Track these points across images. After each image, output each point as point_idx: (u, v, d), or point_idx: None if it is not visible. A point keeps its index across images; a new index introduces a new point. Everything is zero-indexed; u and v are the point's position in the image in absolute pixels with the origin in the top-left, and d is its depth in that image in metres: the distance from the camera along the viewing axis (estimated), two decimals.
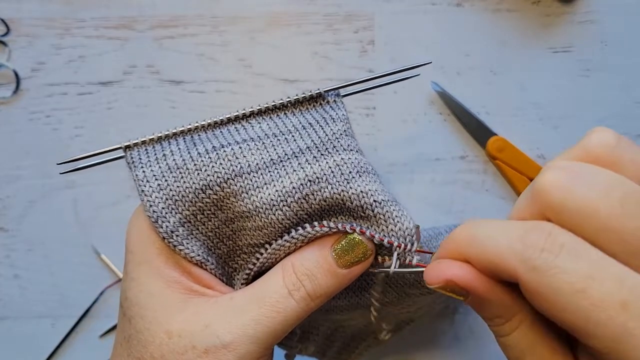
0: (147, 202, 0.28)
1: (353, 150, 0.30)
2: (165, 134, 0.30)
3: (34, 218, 0.50)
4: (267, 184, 0.28)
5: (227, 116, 0.31)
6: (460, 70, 0.51)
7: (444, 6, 0.52)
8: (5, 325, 0.49)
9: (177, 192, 0.29)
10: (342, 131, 0.30)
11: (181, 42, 0.52)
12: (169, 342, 0.26)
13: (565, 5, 0.52)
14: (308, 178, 0.28)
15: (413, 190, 0.50)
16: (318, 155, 0.29)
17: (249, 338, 0.26)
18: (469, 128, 0.50)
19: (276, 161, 0.29)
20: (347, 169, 0.28)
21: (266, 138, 0.30)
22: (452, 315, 0.49)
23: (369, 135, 0.51)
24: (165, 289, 0.28)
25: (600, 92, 0.51)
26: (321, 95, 0.32)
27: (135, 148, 0.30)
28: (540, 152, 0.50)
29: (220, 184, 0.28)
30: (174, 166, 0.29)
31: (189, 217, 0.29)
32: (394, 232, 0.27)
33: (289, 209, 0.28)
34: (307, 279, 0.28)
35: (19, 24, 0.52)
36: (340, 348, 0.42)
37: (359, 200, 0.28)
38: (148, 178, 0.29)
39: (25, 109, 0.51)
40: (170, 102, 0.51)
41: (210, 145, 0.29)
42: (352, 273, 0.28)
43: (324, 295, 0.28)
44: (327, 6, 0.52)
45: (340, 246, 0.28)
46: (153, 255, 0.29)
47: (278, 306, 0.27)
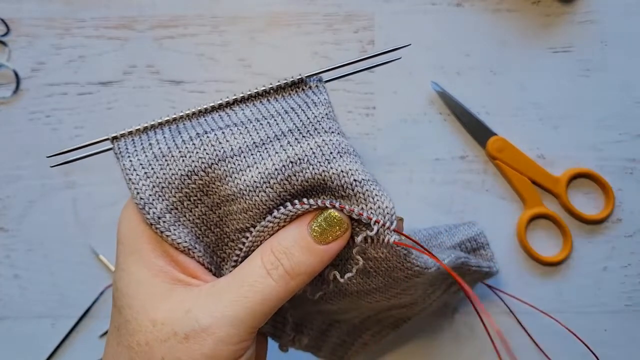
0: (134, 190, 0.29)
1: (334, 132, 0.30)
2: (151, 124, 0.31)
3: (34, 218, 0.50)
4: (250, 166, 0.29)
5: (211, 104, 0.32)
6: (460, 70, 0.51)
7: (444, 6, 0.52)
8: (5, 325, 0.49)
9: (164, 179, 0.29)
10: (323, 114, 0.31)
11: (181, 42, 0.52)
12: (153, 330, 0.27)
13: (565, 5, 0.52)
14: (290, 159, 0.29)
15: (413, 190, 0.50)
16: (300, 137, 0.30)
17: (227, 320, 0.26)
18: (469, 128, 0.50)
19: (258, 144, 0.30)
20: (328, 150, 0.29)
21: (249, 123, 0.31)
22: (452, 315, 0.49)
23: (369, 135, 0.51)
24: (152, 278, 0.28)
25: (600, 92, 0.51)
26: (303, 80, 0.32)
27: (122, 139, 0.31)
28: (540, 152, 0.50)
29: (205, 169, 0.29)
30: (160, 154, 0.29)
31: (176, 204, 0.29)
32: (373, 209, 0.28)
33: (272, 190, 0.29)
34: (284, 256, 0.28)
35: (19, 24, 0.52)
36: (336, 344, 0.42)
37: (339, 180, 0.28)
38: (135, 167, 0.29)
39: (25, 109, 0.51)
40: (170, 102, 0.51)
41: (194, 132, 0.30)
42: (330, 249, 0.28)
43: (304, 274, 0.28)
44: (327, 6, 0.52)
45: (316, 222, 0.28)
46: (141, 244, 0.29)
47: (256, 286, 0.27)
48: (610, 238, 0.50)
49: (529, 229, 0.50)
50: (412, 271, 0.30)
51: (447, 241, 0.45)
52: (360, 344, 0.43)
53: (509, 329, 0.49)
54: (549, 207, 0.50)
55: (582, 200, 0.50)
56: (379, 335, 0.43)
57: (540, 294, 0.49)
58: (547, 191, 0.50)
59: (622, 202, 0.50)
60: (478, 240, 0.46)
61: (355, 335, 0.42)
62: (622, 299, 0.49)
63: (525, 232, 0.49)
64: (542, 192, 0.50)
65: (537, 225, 0.50)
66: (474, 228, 0.47)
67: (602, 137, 0.51)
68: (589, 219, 0.49)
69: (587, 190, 0.50)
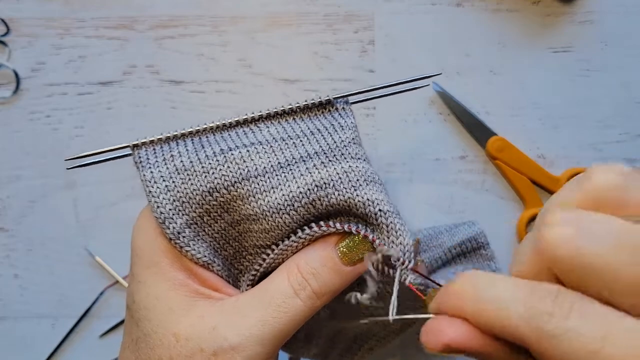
0: (154, 204, 0.28)
1: (361, 159, 0.30)
2: (173, 135, 0.30)
3: (34, 218, 0.50)
4: (274, 187, 0.28)
5: (235, 119, 0.31)
6: (460, 70, 0.51)
7: (444, 6, 0.52)
8: (5, 325, 0.49)
9: (185, 194, 0.29)
10: (350, 139, 0.30)
11: (181, 42, 0.52)
12: (176, 345, 0.27)
13: (565, 5, 0.52)
14: (315, 183, 0.28)
15: (413, 190, 0.50)
16: (326, 161, 0.29)
17: (256, 339, 0.26)
18: (469, 128, 0.50)
19: (284, 165, 0.29)
20: (354, 177, 0.28)
21: (274, 142, 0.30)
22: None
23: (369, 135, 0.51)
24: (171, 291, 0.28)
25: (600, 92, 0.51)
26: (330, 102, 0.32)
27: (143, 147, 0.30)
28: (540, 152, 0.50)
29: (227, 187, 0.28)
30: (182, 168, 0.29)
31: (196, 219, 0.29)
32: (394, 244, 0.28)
33: (295, 213, 0.28)
34: (312, 277, 0.28)
35: (19, 24, 0.52)
36: (342, 350, 0.42)
37: (364, 208, 0.28)
38: (156, 179, 0.29)
39: (25, 109, 0.51)
40: (170, 102, 0.51)
41: (218, 148, 0.29)
42: (356, 270, 0.29)
43: (330, 293, 0.28)
44: (327, 6, 0.52)
45: (344, 244, 0.28)
46: (159, 257, 0.29)
47: (284, 306, 0.27)
48: None
49: (529, 229, 0.50)
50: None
51: (447, 241, 0.45)
52: (366, 349, 0.43)
53: None
54: None
55: None
56: (385, 340, 0.43)
57: None
58: (547, 191, 0.50)
59: None
60: (478, 239, 0.46)
61: (361, 341, 0.42)
62: None
63: (525, 232, 0.49)
64: (542, 192, 0.50)
65: None
66: (474, 228, 0.47)
67: (602, 137, 0.51)
68: None
69: None
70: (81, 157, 0.31)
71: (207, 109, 0.51)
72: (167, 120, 0.51)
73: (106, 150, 0.31)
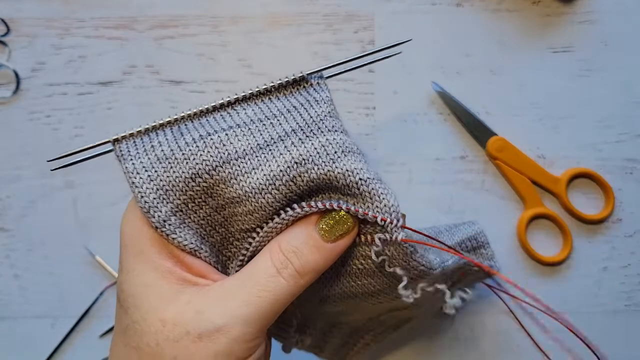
0: (138, 194, 0.29)
1: (338, 130, 0.30)
2: (152, 125, 0.31)
3: (34, 218, 0.50)
4: (255, 168, 0.29)
5: (212, 104, 0.32)
6: (460, 70, 0.51)
7: (444, 6, 0.52)
8: (5, 325, 0.49)
9: (167, 182, 0.29)
10: (326, 113, 0.31)
11: (181, 42, 0.52)
12: (163, 330, 0.27)
13: (565, 5, 0.52)
14: (294, 160, 0.29)
15: (413, 190, 0.50)
16: (303, 137, 0.30)
17: (241, 319, 0.27)
18: (469, 128, 0.50)
19: (263, 146, 0.30)
20: (332, 149, 0.29)
21: (252, 123, 0.31)
22: (452, 315, 0.49)
23: (369, 135, 0.51)
24: (159, 279, 0.28)
25: (600, 92, 0.51)
26: (304, 78, 0.32)
27: (123, 141, 0.31)
28: (540, 152, 0.50)
29: (209, 172, 0.29)
30: (163, 156, 0.29)
31: (180, 206, 0.29)
32: (379, 208, 0.28)
33: (277, 192, 0.29)
34: (294, 255, 0.28)
35: (19, 24, 0.52)
36: (338, 345, 0.42)
37: (344, 179, 0.28)
38: (138, 170, 0.29)
39: (25, 109, 0.51)
40: (170, 102, 0.51)
41: (197, 134, 0.30)
42: (338, 247, 0.29)
43: (313, 271, 0.29)
44: (327, 6, 0.52)
45: (324, 221, 0.29)
46: (146, 246, 0.29)
47: (267, 285, 0.28)
48: (610, 238, 0.50)
49: (529, 229, 0.50)
50: (417, 271, 0.30)
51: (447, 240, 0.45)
52: (362, 345, 0.43)
53: (509, 329, 0.49)
54: (549, 207, 0.50)
55: (582, 200, 0.50)
56: (381, 335, 0.43)
57: (540, 294, 0.49)
58: (547, 191, 0.50)
59: (622, 202, 0.50)
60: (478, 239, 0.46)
61: (357, 336, 0.43)
62: (622, 299, 0.49)
63: (525, 232, 0.49)
64: (542, 192, 0.50)
65: (537, 225, 0.50)
66: (474, 227, 0.47)
67: (602, 137, 0.51)
68: (589, 219, 0.49)
69: (587, 190, 0.50)
70: (64, 157, 0.32)
71: None
72: None
73: (88, 147, 0.32)
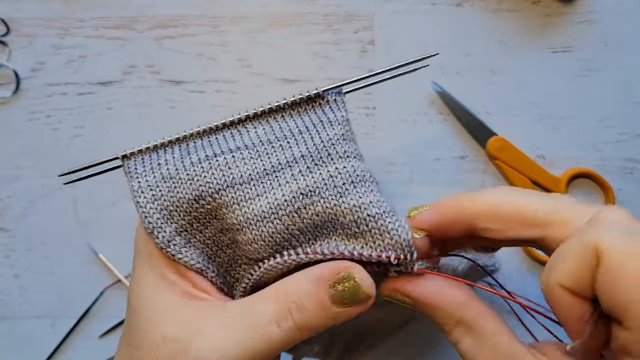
0: (142, 214, 0.28)
1: (350, 156, 0.29)
2: (161, 142, 0.30)
3: (34, 218, 0.50)
4: (259, 195, 0.28)
5: (222, 121, 0.31)
6: (460, 70, 0.51)
7: (444, 6, 0.52)
8: (5, 325, 0.49)
9: (172, 203, 0.28)
10: (339, 135, 0.29)
11: (181, 42, 0.52)
12: (163, 346, 0.27)
13: (565, 5, 0.52)
14: (300, 191, 0.28)
15: (413, 190, 0.50)
16: (312, 165, 0.29)
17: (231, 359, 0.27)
18: (469, 128, 0.50)
19: (269, 172, 0.29)
20: (340, 181, 0.28)
21: (260, 145, 0.30)
22: None
23: (369, 135, 0.51)
24: (166, 292, 0.29)
25: (600, 92, 0.51)
26: (320, 95, 0.31)
27: (132, 158, 0.30)
28: (540, 152, 0.50)
29: (212, 195, 0.28)
30: (167, 176, 0.29)
31: (185, 226, 0.29)
32: (390, 245, 0.27)
33: (279, 222, 0.28)
34: (296, 310, 0.27)
35: (19, 24, 0.52)
36: (343, 348, 0.42)
37: (352, 215, 0.27)
38: (143, 189, 0.29)
39: (25, 109, 0.51)
40: (170, 102, 0.51)
41: (204, 154, 0.29)
42: (344, 313, 0.27)
43: (311, 329, 0.27)
44: (327, 6, 0.52)
45: (339, 285, 0.27)
46: (155, 257, 0.29)
47: (263, 333, 0.27)
48: None
49: None
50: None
51: None
52: (366, 347, 0.43)
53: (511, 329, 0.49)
54: None
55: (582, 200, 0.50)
56: (383, 337, 0.43)
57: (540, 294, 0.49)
58: (547, 191, 0.50)
59: (622, 202, 0.50)
60: None
61: (360, 339, 0.42)
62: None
63: None
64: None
65: None
66: None
67: (602, 137, 0.51)
68: None
69: (587, 190, 0.50)
70: (74, 172, 0.32)
71: (207, 109, 0.51)
72: (167, 120, 0.51)
73: (98, 163, 0.31)
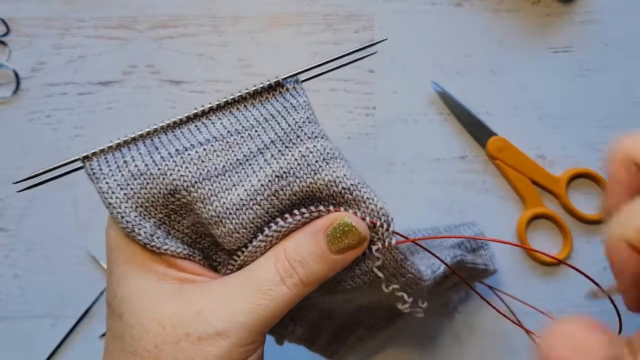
0: (117, 214, 0.28)
1: (318, 137, 0.29)
2: (124, 140, 0.30)
3: (34, 218, 0.50)
4: (235, 185, 0.28)
5: (186, 115, 0.31)
6: (460, 70, 0.51)
7: (444, 6, 0.52)
8: (5, 325, 0.49)
9: (147, 199, 0.28)
10: (304, 119, 0.30)
11: (181, 42, 0.52)
12: (162, 333, 0.27)
13: (565, 5, 0.52)
14: (275, 174, 0.28)
15: (413, 190, 0.50)
16: (283, 148, 0.29)
17: (241, 325, 0.26)
18: (469, 128, 0.50)
19: (242, 161, 0.29)
20: (313, 159, 0.28)
21: (229, 136, 0.30)
22: (452, 315, 0.49)
23: (369, 135, 0.51)
24: (155, 281, 0.28)
25: (600, 92, 0.51)
26: (280, 83, 0.32)
27: (94, 158, 0.29)
28: (540, 152, 0.50)
29: (187, 188, 0.28)
30: (137, 173, 0.28)
31: (163, 219, 0.29)
32: (366, 213, 0.28)
33: (259, 207, 0.28)
34: (299, 265, 0.28)
35: (19, 24, 0.52)
36: (329, 338, 0.42)
37: (328, 190, 0.28)
38: (113, 189, 0.28)
39: (25, 109, 0.51)
40: (170, 102, 0.51)
41: (173, 148, 0.29)
42: (345, 259, 0.28)
43: (317, 281, 0.28)
44: (327, 6, 0.52)
45: (332, 232, 0.28)
46: (137, 252, 0.29)
47: (270, 293, 0.27)
48: None
49: (529, 229, 0.50)
50: (405, 278, 0.30)
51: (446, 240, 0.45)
52: (355, 338, 0.43)
53: (508, 329, 0.49)
54: (549, 207, 0.50)
55: (582, 200, 0.50)
56: (373, 329, 0.42)
57: (540, 294, 0.49)
58: (547, 191, 0.50)
59: None
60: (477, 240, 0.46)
61: (349, 330, 0.42)
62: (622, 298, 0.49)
63: (525, 232, 0.49)
64: (542, 192, 0.50)
65: (537, 225, 0.50)
66: (473, 228, 0.47)
67: (602, 137, 0.51)
68: (589, 219, 0.49)
69: (587, 190, 0.50)
70: (31, 178, 0.30)
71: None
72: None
73: (56, 166, 0.30)
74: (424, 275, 0.31)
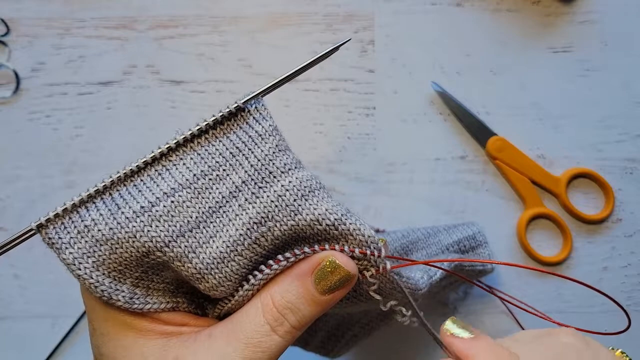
0: (90, 285, 0.26)
1: (291, 169, 0.27)
2: (79, 200, 0.27)
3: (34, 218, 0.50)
4: (213, 237, 0.26)
5: (143, 160, 0.27)
6: (460, 70, 0.51)
7: (444, 6, 0.52)
8: (5, 325, 0.49)
9: (119, 263, 0.26)
10: (273, 148, 0.28)
11: (181, 42, 0.52)
12: None
13: (565, 5, 0.52)
14: (253, 220, 0.26)
15: (413, 190, 0.50)
16: (256, 189, 0.27)
17: None
18: (469, 128, 0.50)
19: (215, 209, 0.27)
20: (290, 197, 0.26)
21: (196, 180, 0.27)
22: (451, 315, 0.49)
23: (369, 135, 0.51)
24: (140, 339, 0.27)
25: (600, 92, 0.51)
26: (240, 108, 0.28)
27: (50, 225, 0.27)
28: (540, 152, 0.50)
29: (162, 249, 0.25)
30: (102, 239, 0.26)
31: (141, 276, 0.27)
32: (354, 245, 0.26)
33: (241, 258, 0.26)
34: (289, 312, 0.26)
35: (19, 24, 0.52)
36: (324, 338, 0.42)
37: (312, 229, 0.26)
38: (79, 259, 0.26)
39: (25, 109, 0.51)
40: (170, 102, 0.51)
41: (138, 205, 0.26)
42: (334, 298, 0.27)
43: (309, 323, 0.27)
44: (327, 6, 0.52)
45: (319, 273, 0.26)
46: (117, 311, 0.27)
47: (261, 345, 0.26)
48: (610, 238, 0.50)
49: (529, 229, 0.50)
50: (402, 294, 0.29)
51: (445, 239, 0.45)
52: (350, 336, 0.43)
53: (508, 329, 0.49)
54: (549, 207, 0.50)
55: (582, 200, 0.50)
56: (368, 327, 0.42)
57: (540, 294, 0.49)
58: (547, 191, 0.50)
59: (622, 202, 0.50)
60: (476, 238, 0.46)
61: (344, 328, 0.42)
62: (622, 299, 0.49)
63: (525, 232, 0.49)
64: (542, 192, 0.50)
65: (537, 225, 0.50)
66: (472, 227, 0.47)
67: (602, 137, 0.51)
68: (589, 219, 0.49)
69: (587, 190, 0.50)
70: None
71: (207, 108, 0.51)
72: (167, 120, 0.51)
73: (10, 240, 0.27)
74: (420, 284, 0.30)
